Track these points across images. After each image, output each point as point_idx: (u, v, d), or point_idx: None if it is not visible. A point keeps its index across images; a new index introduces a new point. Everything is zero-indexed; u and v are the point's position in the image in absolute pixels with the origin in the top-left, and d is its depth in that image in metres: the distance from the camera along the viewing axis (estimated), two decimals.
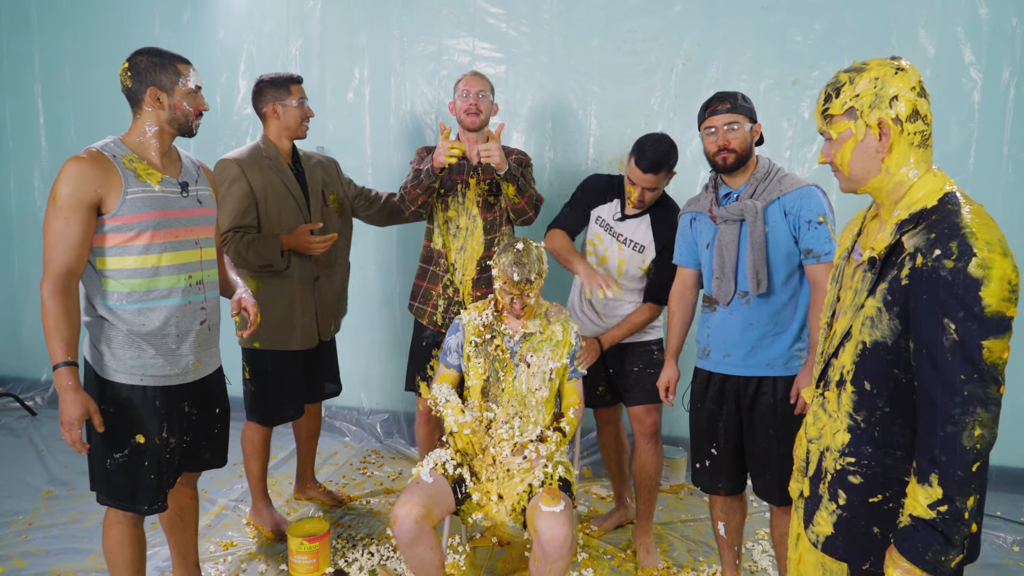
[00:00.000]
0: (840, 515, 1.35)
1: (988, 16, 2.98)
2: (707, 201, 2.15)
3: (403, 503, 2.02)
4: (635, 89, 3.29)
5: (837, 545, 1.36)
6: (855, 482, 1.33)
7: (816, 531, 1.40)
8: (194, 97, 1.90)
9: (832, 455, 1.37)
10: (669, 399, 2.32)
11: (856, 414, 1.33)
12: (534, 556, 2.02)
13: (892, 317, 1.24)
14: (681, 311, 2.31)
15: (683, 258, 2.28)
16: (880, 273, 1.27)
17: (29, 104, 4.07)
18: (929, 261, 1.17)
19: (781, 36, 3.14)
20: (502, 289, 2.20)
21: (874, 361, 1.29)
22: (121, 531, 1.95)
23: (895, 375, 1.27)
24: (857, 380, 1.32)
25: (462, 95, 2.62)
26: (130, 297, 1.83)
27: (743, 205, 2.02)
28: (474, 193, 2.65)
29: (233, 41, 3.72)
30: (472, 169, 2.65)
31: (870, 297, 1.28)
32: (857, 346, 1.32)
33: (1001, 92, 3.02)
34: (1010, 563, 2.66)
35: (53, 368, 1.73)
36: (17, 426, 3.83)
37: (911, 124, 1.27)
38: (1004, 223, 3.04)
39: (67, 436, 1.74)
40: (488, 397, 2.26)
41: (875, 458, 1.30)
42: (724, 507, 2.25)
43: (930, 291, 1.17)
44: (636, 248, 2.50)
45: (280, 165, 2.59)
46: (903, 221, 1.26)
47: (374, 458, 3.52)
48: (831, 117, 1.33)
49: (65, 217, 1.74)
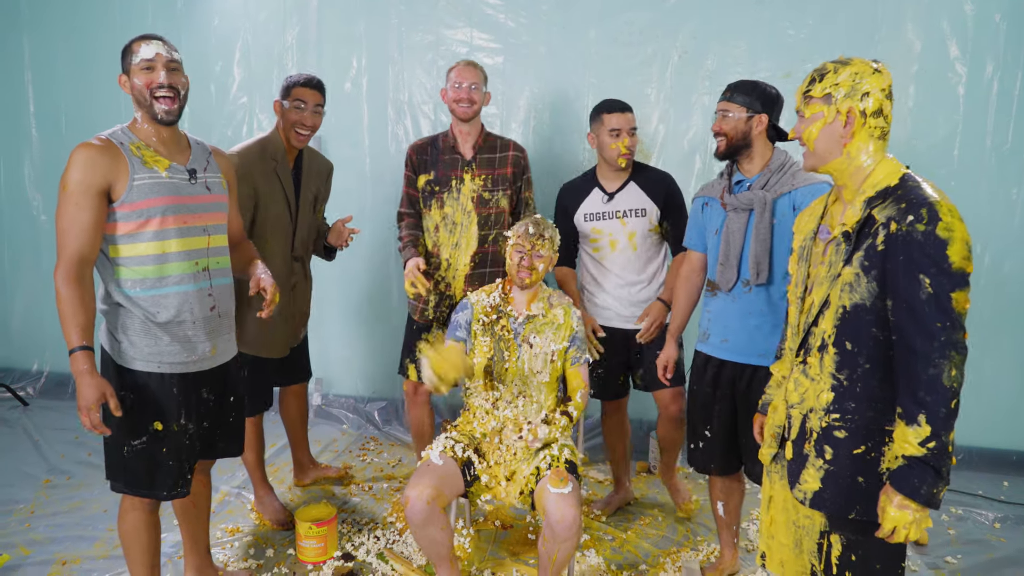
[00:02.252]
0: (827, 470, 1.48)
1: (973, 12, 3.07)
2: (720, 188, 2.21)
3: (414, 485, 2.06)
4: (632, 80, 3.34)
5: (824, 498, 1.49)
6: (840, 436, 1.46)
7: (804, 488, 1.51)
8: (147, 72, 1.81)
9: (817, 415, 1.50)
10: (667, 378, 2.42)
11: (839, 373, 1.46)
12: (543, 537, 2.07)
13: (870, 280, 1.40)
14: (686, 293, 2.38)
15: (692, 241, 2.34)
16: (855, 244, 1.42)
17: (19, 92, 4.01)
18: (904, 227, 1.34)
19: (774, 29, 3.21)
20: (514, 247, 2.29)
21: (854, 322, 1.43)
22: (137, 517, 1.96)
23: (873, 333, 1.42)
24: (839, 342, 1.46)
25: (454, 85, 2.58)
26: (143, 284, 1.84)
27: (753, 195, 2.08)
28: (468, 189, 2.63)
29: (228, 29, 3.70)
30: (466, 164, 2.64)
31: (846, 266, 1.43)
32: (837, 311, 1.45)
33: (985, 86, 3.12)
34: (992, 539, 2.77)
35: (69, 353, 1.72)
36: (10, 416, 3.80)
37: (873, 119, 1.44)
38: (987, 211, 3.17)
39: (86, 421, 1.73)
40: (493, 376, 2.31)
41: (858, 412, 1.44)
42: (723, 487, 2.32)
43: (906, 252, 1.33)
44: (638, 213, 2.58)
45: (283, 166, 2.53)
46: (871, 198, 1.43)
47: (373, 445, 3.56)
48: (810, 98, 1.49)
49: (76, 203, 1.74)
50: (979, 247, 3.19)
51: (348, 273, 3.72)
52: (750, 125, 2.10)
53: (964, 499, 3.07)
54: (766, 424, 1.69)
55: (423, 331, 2.77)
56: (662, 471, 2.86)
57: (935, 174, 3.16)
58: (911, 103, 3.17)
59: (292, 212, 2.58)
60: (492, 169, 2.65)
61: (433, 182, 2.65)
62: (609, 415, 2.85)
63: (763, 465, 2.13)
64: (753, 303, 2.12)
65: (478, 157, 2.64)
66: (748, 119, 2.09)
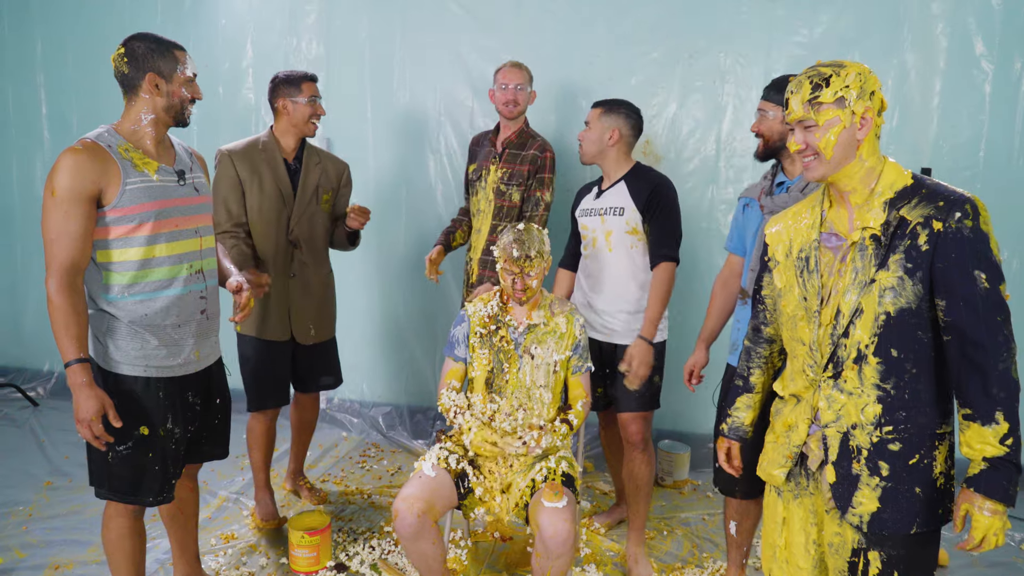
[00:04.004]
0: (885, 487, 1.39)
1: (1000, 7, 2.93)
2: (760, 189, 2.10)
3: (404, 497, 2.00)
4: (640, 79, 3.25)
5: (884, 519, 1.40)
6: (895, 449, 1.39)
7: (859, 512, 1.42)
8: (191, 85, 1.88)
9: (863, 431, 1.41)
10: (692, 383, 2.27)
11: (884, 383, 1.39)
12: (536, 552, 2.00)
13: (915, 282, 1.34)
14: (722, 298, 2.25)
15: (733, 244, 2.23)
16: (888, 247, 1.37)
17: (31, 94, 4.05)
18: (952, 224, 1.31)
19: (788, 28, 3.10)
20: (503, 269, 2.20)
21: (899, 328, 1.37)
22: (121, 524, 1.93)
23: (918, 337, 1.37)
24: (882, 350, 1.38)
25: (501, 87, 2.72)
26: (131, 289, 1.81)
27: (790, 197, 1.96)
28: (492, 179, 2.75)
29: (235, 30, 3.69)
30: (496, 156, 2.77)
31: (880, 270, 1.37)
32: (878, 318, 1.38)
33: (1013, 84, 2.97)
34: (1018, 561, 2.63)
35: (65, 366, 1.70)
36: (19, 416, 3.82)
37: (879, 119, 1.42)
38: (1014, 216, 3.02)
39: (86, 433, 1.71)
40: (492, 388, 2.23)
41: (910, 420, 1.38)
42: (739, 508, 2.19)
43: (958, 250, 1.31)
44: (616, 212, 2.43)
45: (274, 159, 2.59)
46: (892, 199, 1.39)
47: (374, 451, 3.51)
48: (820, 104, 1.40)
49: (65, 211, 1.70)
50: (1006, 252, 3.04)
51: (355, 277, 3.68)
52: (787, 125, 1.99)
53: None
54: (774, 442, 1.58)
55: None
56: (628, 532, 2.51)
57: (959, 176, 3.03)
58: (936, 101, 3.04)
59: (288, 201, 2.60)
60: (513, 164, 2.75)
61: (476, 171, 2.85)
62: (607, 427, 2.75)
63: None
64: None
65: (506, 151, 2.77)
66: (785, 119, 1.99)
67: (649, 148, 3.28)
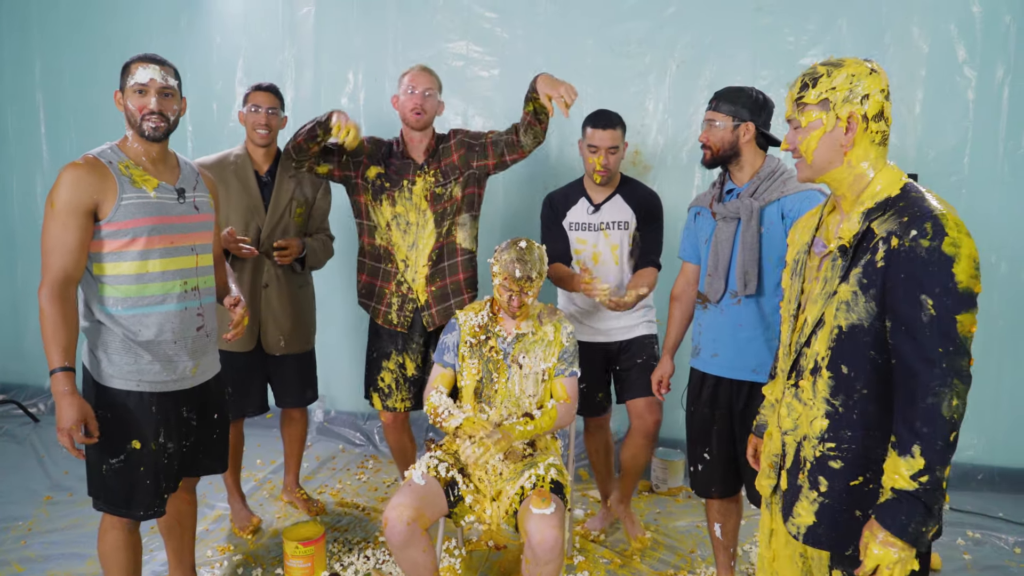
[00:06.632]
0: (822, 503, 1.37)
1: (981, 14, 2.97)
2: (710, 197, 2.15)
3: (394, 506, 2.02)
4: (629, 91, 3.29)
5: (819, 534, 1.37)
6: (836, 467, 1.35)
7: (797, 523, 1.40)
8: (139, 95, 1.83)
9: (810, 443, 1.39)
10: (661, 393, 2.33)
11: (833, 399, 1.35)
12: (525, 559, 2.01)
13: (868, 299, 1.29)
14: (682, 307, 2.30)
15: (687, 253, 2.27)
16: (852, 259, 1.32)
17: (31, 112, 4.10)
18: (906, 241, 1.23)
19: (774, 37, 3.14)
20: (501, 285, 2.21)
21: (851, 344, 1.32)
22: (116, 536, 1.95)
23: (871, 356, 1.31)
24: (833, 365, 1.35)
25: (407, 91, 2.48)
26: (125, 303, 1.85)
27: (740, 203, 2.02)
28: (421, 188, 2.53)
29: (229, 46, 3.74)
30: (417, 168, 2.54)
31: (843, 283, 1.33)
32: (832, 331, 1.35)
33: (995, 90, 3.01)
34: (1012, 565, 2.63)
35: (50, 373, 1.74)
36: (20, 432, 3.85)
37: (875, 123, 1.34)
38: (1001, 221, 3.05)
39: (65, 440, 1.73)
40: (481, 398, 2.26)
41: (855, 440, 1.33)
42: (720, 509, 2.24)
43: (907, 270, 1.23)
44: (621, 226, 2.53)
45: (244, 171, 2.64)
46: (870, 210, 1.32)
47: (372, 463, 3.53)
48: (804, 105, 1.37)
49: (63, 223, 1.76)
50: (993, 256, 3.06)
51: (351, 289, 3.70)
52: (736, 134, 2.04)
53: (982, 521, 2.92)
54: (763, 452, 1.59)
55: (383, 358, 2.67)
56: (618, 497, 2.73)
57: (945, 182, 3.05)
58: (919, 109, 3.07)
59: (257, 212, 2.63)
60: (439, 162, 2.55)
61: (384, 177, 2.54)
62: (592, 432, 2.78)
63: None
64: (742, 315, 2.05)
65: (429, 159, 2.55)
66: (734, 128, 2.03)
67: (638, 158, 3.32)
